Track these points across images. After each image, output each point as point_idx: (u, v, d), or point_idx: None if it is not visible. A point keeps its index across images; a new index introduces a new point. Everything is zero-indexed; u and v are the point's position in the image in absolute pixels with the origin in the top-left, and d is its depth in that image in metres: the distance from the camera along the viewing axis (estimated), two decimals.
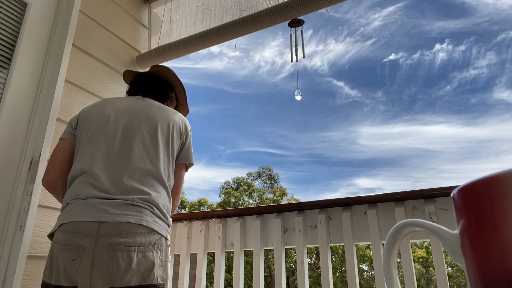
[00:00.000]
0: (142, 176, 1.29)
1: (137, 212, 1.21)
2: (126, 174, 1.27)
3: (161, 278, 1.21)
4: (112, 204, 1.20)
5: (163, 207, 1.30)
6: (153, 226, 1.22)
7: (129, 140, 1.34)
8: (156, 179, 1.32)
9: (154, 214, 1.25)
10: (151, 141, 1.37)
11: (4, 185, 1.62)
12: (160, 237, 1.24)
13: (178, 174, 1.45)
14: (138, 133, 1.36)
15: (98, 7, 2.16)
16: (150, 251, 1.19)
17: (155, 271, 1.19)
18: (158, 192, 1.31)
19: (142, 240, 1.18)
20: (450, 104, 49.98)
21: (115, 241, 1.14)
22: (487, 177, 0.32)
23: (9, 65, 1.71)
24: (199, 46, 2.22)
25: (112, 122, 1.38)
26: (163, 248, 1.25)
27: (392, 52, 53.96)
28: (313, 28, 50.78)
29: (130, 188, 1.25)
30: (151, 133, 1.38)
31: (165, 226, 1.29)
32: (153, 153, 1.35)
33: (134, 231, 1.18)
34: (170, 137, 1.42)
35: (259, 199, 23.98)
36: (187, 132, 1.51)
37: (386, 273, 0.43)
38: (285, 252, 1.62)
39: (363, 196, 1.52)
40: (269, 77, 55.16)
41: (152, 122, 1.40)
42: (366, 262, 20.15)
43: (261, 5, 2.10)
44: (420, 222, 0.41)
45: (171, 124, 1.45)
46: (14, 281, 1.50)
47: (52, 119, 1.75)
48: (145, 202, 1.24)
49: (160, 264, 1.22)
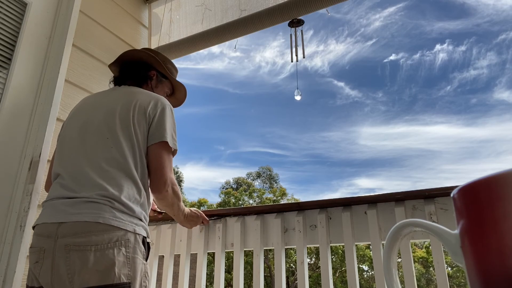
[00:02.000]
0: (101, 170, 1.22)
1: (94, 210, 1.15)
2: (86, 170, 1.23)
3: (125, 277, 1.12)
4: (71, 204, 1.18)
5: (127, 200, 1.20)
6: (113, 222, 1.14)
7: (86, 135, 1.31)
8: (119, 170, 1.23)
9: (115, 209, 1.17)
10: (109, 131, 1.28)
11: (4, 185, 1.62)
12: (124, 233, 1.15)
13: (151, 157, 1.30)
14: (94, 126, 1.31)
15: (98, 7, 2.16)
16: (111, 248, 1.12)
17: (117, 270, 1.11)
18: (120, 184, 1.21)
19: (99, 239, 1.12)
20: (450, 105, 50.03)
21: (71, 242, 1.12)
22: (487, 177, 0.32)
23: (9, 65, 1.71)
24: (199, 46, 2.23)
25: (74, 121, 1.38)
26: (130, 244, 1.16)
27: (393, 53, 54.05)
28: (313, 29, 50.84)
29: (90, 184, 1.20)
30: (107, 123, 1.30)
31: (131, 220, 1.19)
32: (112, 143, 1.26)
33: (90, 230, 1.12)
34: (130, 120, 1.30)
35: (259, 199, 23.98)
36: (156, 110, 1.34)
37: (386, 273, 0.43)
38: (285, 252, 1.62)
39: (363, 196, 1.52)
40: (270, 78, 55.23)
41: (110, 112, 1.32)
42: (366, 262, 20.14)
43: (261, 5, 2.10)
44: (420, 222, 0.41)
45: (132, 106, 1.32)
46: (14, 281, 1.50)
47: (52, 119, 1.75)
48: (104, 197, 1.17)
49: (124, 262, 1.13)
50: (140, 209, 1.24)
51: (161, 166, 1.29)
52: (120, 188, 1.21)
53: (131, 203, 1.21)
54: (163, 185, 1.28)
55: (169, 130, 1.33)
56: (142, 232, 1.22)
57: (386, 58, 53.42)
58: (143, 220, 1.25)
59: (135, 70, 1.54)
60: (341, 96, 52.29)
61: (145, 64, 1.56)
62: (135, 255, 1.17)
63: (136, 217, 1.21)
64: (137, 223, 1.21)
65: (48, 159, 1.71)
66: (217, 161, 54.15)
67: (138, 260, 1.17)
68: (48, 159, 1.71)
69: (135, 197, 1.23)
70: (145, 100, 1.35)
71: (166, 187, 1.29)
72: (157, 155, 1.30)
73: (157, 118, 1.33)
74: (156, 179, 1.29)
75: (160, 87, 1.58)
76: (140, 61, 1.56)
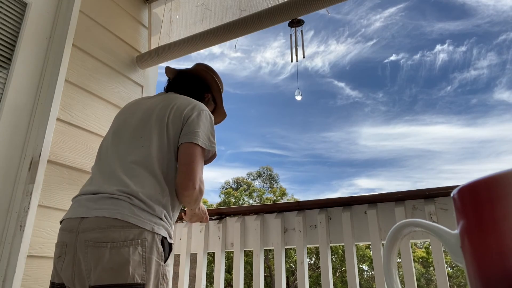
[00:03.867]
0: (127, 168, 1.23)
1: (113, 205, 1.14)
2: (114, 167, 1.25)
3: (140, 277, 1.09)
4: (94, 199, 1.18)
5: (147, 197, 1.17)
6: (130, 220, 1.11)
7: (123, 134, 1.34)
8: (145, 167, 1.23)
9: (134, 206, 1.14)
10: (143, 130, 1.31)
11: (4, 185, 1.62)
12: (141, 232, 1.12)
13: (180, 155, 1.28)
14: (132, 126, 1.34)
15: (98, 7, 2.16)
16: (126, 247, 1.09)
17: (131, 269, 1.07)
18: (142, 182, 1.20)
19: (115, 235, 1.09)
20: (450, 105, 50.06)
21: (89, 237, 1.11)
22: (487, 177, 0.32)
23: (9, 65, 1.71)
24: (199, 46, 2.22)
25: (116, 122, 1.43)
26: (147, 244, 1.12)
27: (393, 53, 54.09)
28: (314, 29, 50.87)
29: (114, 180, 1.21)
30: (144, 123, 1.33)
31: (151, 218, 1.16)
32: (144, 142, 1.28)
33: (108, 226, 1.11)
34: (165, 120, 1.31)
35: (259, 199, 23.98)
36: (192, 111, 1.34)
37: (386, 273, 0.43)
38: (285, 252, 1.62)
39: (363, 196, 1.52)
40: (270, 78, 55.26)
41: (149, 112, 1.35)
42: (366, 262, 20.13)
43: (261, 5, 2.10)
44: (420, 222, 0.41)
45: (170, 107, 1.34)
46: (14, 281, 1.50)
47: (52, 119, 1.75)
48: (124, 193, 1.16)
49: (140, 261, 1.10)
50: (162, 209, 1.21)
51: (189, 164, 1.26)
52: (142, 185, 1.19)
53: (152, 202, 1.18)
54: (191, 182, 1.25)
55: (203, 132, 1.32)
56: (161, 232, 1.18)
57: (386, 59, 53.49)
58: (164, 220, 1.21)
59: (194, 86, 1.55)
60: (341, 96, 52.35)
61: (206, 86, 1.58)
62: (151, 255, 1.13)
63: (156, 216, 1.18)
64: (157, 222, 1.17)
65: (48, 159, 1.71)
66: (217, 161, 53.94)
67: (154, 260, 1.14)
68: (48, 159, 1.71)
69: (156, 196, 1.20)
70: (184, 103, 1.37)
71: (195, 185, 1.25)
72: (186, 153, 1.28)
73: (192, 118, 1.32)
74: (182, 176, 1.26)
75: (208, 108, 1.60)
76: (201, 79, 1.57)
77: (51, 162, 1.74)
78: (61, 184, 1.77)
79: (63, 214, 1.75)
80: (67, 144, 1.83)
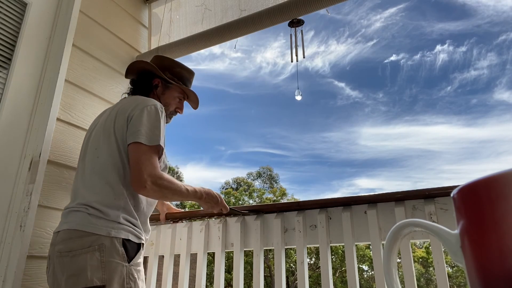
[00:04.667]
0: (86, 180, 1.34)
1: (74, 217, 1.26)
2: (79, 182, 1.37)
3: (99, 280, 1.16)
4: (64, 214, 1.32)
5: (102, 205, 1.26)
6: (87, 228, 1.22)
7: (87, 148, 1.44)
8: (100, 176, 1.31)
9: (90, 215, 1.24)
10: (97, 141, 1.39)
11: (4, 185, 1.62)
12: (97, 238, 1.20)
13: (129, 157, 1.30)
14: (91, 138, 1.44)
15: (98, 7, 2.16)
16: (84, 253, 1.18)
17: (89, 274, 1.16)
18: (97, 191, 1.29)
19: (74, 245, 1.20)
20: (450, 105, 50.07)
21: (57, 249, 1.24)
22: (487, 177, 0.32)
23: (9, 65, 1.71)
24: (199, 46, 2.22)
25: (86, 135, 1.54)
26: (105, 248, 1.20)
27: (393, 53, 54.09)
28: (314, 29, 50.90)
29: (77, 194, 1.35)
30: (98, 134, 1.42)
31: (106, 223, 1.23)
32: (98, 153, 1.36)
33: (70, 237, 1.22)
34: (113, 126, 1.35)
35: (259, 199, 23.97)
36: (134, 111, 1.34)
37: (386, 273, 0.43)
38: (285, 252, 1.62)
39: (363, 196, 1.51)
40: (271, 78, 55.27)
41: (102, 122, 1.44)
42: (366, 262, 20.13)
43: (261, 5, 2.10)
44: (420, 222, 0.41)
45: (115, 112, 1.39)
46: (14, 281, 1.50)
47: (52, 119, 1.75)
48: (82, 205, 1.27)
49: (98, 266, 1.17)
50: (119, 212, 1.27)
51: (136, 164, 1.27)
52: (96, 194, 1.29)
53: (107, 208, 1.26)
54: (139, 182, 1.25)
55: (145, 128, 1.31)
56: (121, 235, 1.24)
57: (386, 59, 53.49)
58: (123, 223, 1.27)
59: (140, 81, 1.60)
60: (341, 96, 52.36)
61: (148, 74, 1.59)
62: (111, 258, 1.20)
63: (112, 221, 1.25)
64: (114, 226, 1.24)
65: (48, 159, 1.71)
66: (217, 161, 54.19)
67: (114, 263, 1.20)
68: (48, 159, 1.71)
69: (111, 201, 1.28)
70: (128, 104, 1.40)
71: (143, 183, 1.24)
72: (132, 153, 1.30)
73: (134, 118, 1.33)
74: (132, 177, 1.28)
75: (168, 93, 1.59)
76: (144, 71, 1.60)
77: (51, 162, 1.74)
78: (61, 184, 1.77)
79: None
80: (67, 144, 1.83)
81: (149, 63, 1.58)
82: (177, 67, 1.64)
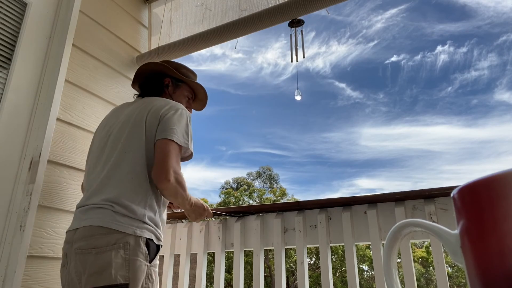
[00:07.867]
0: (110, 176, 1.30)
1: (97, 214, 1.23)
2: (100, 178, 1.33)
3: (123, 278, 1.16)
4: (84, 211, 1.28)
5: (129, 202, 1.24)
6: (112, 226, 1.20)
7: (106, 144, 1.41)
8: (126, 173, 1.29)
9: (116, 212, 1.22)
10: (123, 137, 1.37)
11: (4, 185, 1.62)
12: (123, 236, 1.19)
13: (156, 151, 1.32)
14: (113, 135, 1.42)
15: (98, 7, 2.16)
16: (109, 251, 1.17)
17: (113, 271, 1.15)
18: (124, 187, 1.27)
19: (98, 242, 1.18)
20: (451, 105, 50.12)
21: (78, 246, 1.21)
22: (487, 177, 0.32)
23: (9, 65, 1.71)
24: (199, 46, 2.22)
25: (98, 133, 1.50)
26: (130, 247, 1.19)
27: (394, 54, 54.14)
28: (315, 30, 50.94)
29: (99, 191, 1.29)
30: (124, 130, 1.39)
31: (131, 222, 1.23)
32: (125, 148, 1.34)
33: (93, 234, 1.20)
34: (143, 123, 1.36)
35: (259, 199, 23.98)
36: (168, 111, 1.38)
37: (386, 273, 0.43)
38: (285, 252, 1.62)
39: (363, 196, 1.52)
40: (272, 79, 55.32)
41: (127, 118, 1.42)
42: (366, 262, 20.14)
43: (261, 5, 2.10)
44: (420, 222, 0.41)
45: (147, 110, 1.39)
46: (14, 281, 1.50)
47: (52, 119, 1.75)
48: (107, 202, 1.24)
49: (122, 264, 1.17)
50: (144, 211, 1.27)
51: (164, 157, 1.29)
52: (123, 191, 1.26)
53: (134, 205, 1.25)
54: (164, 174, 1.26)
55: (178, 129, 1.35)
56: (145, 235, 1.24)
57: (387, 60, 53.54)
58: (148, 223, 1.27)
59: (151, 82, 1.61)
60: (342, 97, 52.41)
61: (158, 74, 1.62)
62: (135, 257, 1.19)
63: (138, 220, 1.24)
64: (139, 226, 1.24)
65: (48, 159, 1.71)
66: (218, 161, 54.25)
67: (138, 262, 1.20)
68: (48, 159, 1.71)
69: (139, 198, 1.27)
70: (162, 104, 1.42)
71: (168, 176, 1.26)
72: (160, 149, 1.31)
73: (168, 116, 1.36)
74: (157, 170, 1.28)
75: (179, 92, 1.63)
76: (153, 73, 1.63)
77: (51, 162, 1.74)
78: (61, 184, 1.77)
79: (63, 214, 1.75)
80: (67, 144, 1.83)
81: (159, 63, 1.62)
82: (183, 68, 1.68)
